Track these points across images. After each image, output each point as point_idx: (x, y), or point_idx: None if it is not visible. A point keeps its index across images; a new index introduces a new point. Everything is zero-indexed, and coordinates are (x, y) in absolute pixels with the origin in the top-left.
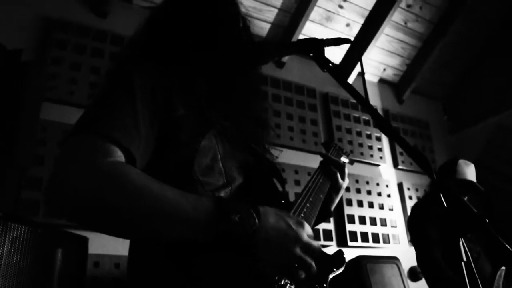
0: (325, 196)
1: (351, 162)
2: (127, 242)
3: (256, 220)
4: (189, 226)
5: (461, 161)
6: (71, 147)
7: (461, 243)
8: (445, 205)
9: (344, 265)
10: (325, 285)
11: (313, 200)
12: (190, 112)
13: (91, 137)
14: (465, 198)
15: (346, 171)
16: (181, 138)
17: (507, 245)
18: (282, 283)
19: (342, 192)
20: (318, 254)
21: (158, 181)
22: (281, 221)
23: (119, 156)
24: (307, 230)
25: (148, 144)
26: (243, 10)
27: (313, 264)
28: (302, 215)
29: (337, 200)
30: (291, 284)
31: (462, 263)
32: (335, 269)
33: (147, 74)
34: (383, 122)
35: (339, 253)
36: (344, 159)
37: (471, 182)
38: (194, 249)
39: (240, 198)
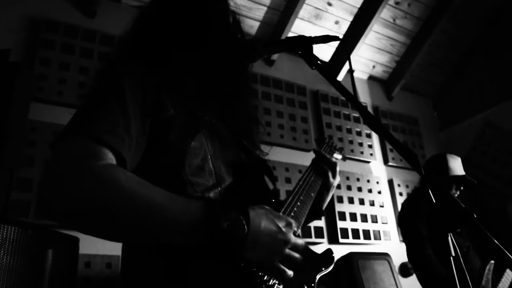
0: (316, 194)
1: (344, 158)
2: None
3: (246, 227)
4: (177, 231)
5: (449, 157)
6: (62, 150)
7: (449, 238)
8: (434, 201)
9: (333, 264)
10: (313, 284)
11: (304, 199)
12: (180, 112)
13: (82, 140)
14: (458, 193)
15: (338, 169)
16: (172, 139)
17: (495, 240)
18: (271, 283)
19: (333, 191)
20: (303, 250)
21: (149, 184)
22: (271, 224)
23: (110, 158)
24: (294, 228)
25: (139, 145)
26: (232, 6)
27: (301, 258)
28: (292, 214)
29: (328, 198)
30: (279, 284)
31: (451, 258)
32: (323, 268)
33: (137, 75)
34: (371, 119)
35: (328, 252)
36: (337, 156)
37: (464, 176)
38: (186, 253)
39: (230, 198)
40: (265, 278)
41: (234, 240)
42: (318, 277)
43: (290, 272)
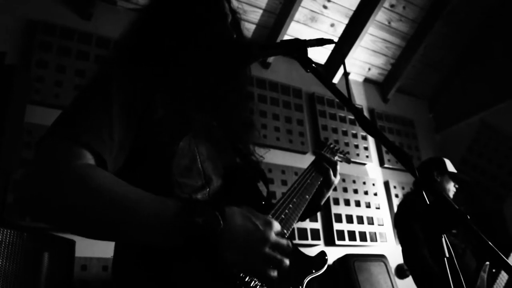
0: (313, 194)
1: (349, 161)
2: (114, 245)
3: (221, 222)
4: (153, 229)
5: (443, 158)
6: (44, 150)
7: (443, 239)
8: (427, 202)
9: (325, 267)
10: (300, 287)
11: (297, 201)
12: (171, 113)
13: (63, 141)
14: (455, 191)
15: (338, 168)
16: (160, 140)
17: (488, 241)
18: (252, 285)
19: (332, 188)
20: (288, 250)
21: (126, 183)
22: (248, 222)
23: (90, 159)
24: (276, 228)
25: (123, 147)
26: (232, 6)
27: (284, 259)
28: (282, 216)
29: (327, 195)
30: (262, 286)
31: (445, 259)
32: (314, 271)
33: (129, 77)
34: (366, 121)
35: (321, 255)
36: (338, 158)
37: (459, 173)
38: (168, 257)
39: (218, 200)
40: (246, 279)
41: (210, 236)
42: (307, 280)
43: (274, 274)
